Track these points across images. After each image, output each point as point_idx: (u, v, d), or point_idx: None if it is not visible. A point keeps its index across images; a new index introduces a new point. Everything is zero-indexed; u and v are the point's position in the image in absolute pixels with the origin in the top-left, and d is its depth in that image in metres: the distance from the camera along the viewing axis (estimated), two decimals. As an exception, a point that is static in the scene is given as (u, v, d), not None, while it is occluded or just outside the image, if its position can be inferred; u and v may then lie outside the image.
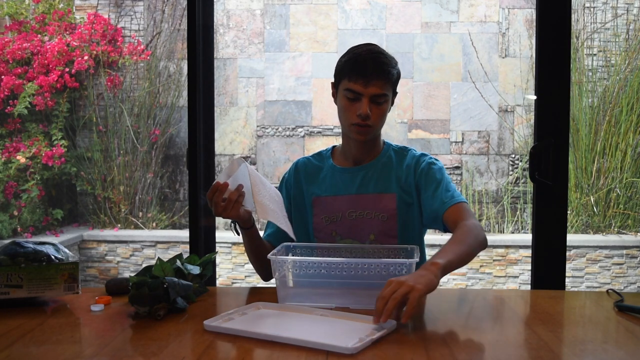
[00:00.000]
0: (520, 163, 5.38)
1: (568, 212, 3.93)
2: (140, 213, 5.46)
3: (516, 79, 5.37)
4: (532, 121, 4.81)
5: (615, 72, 5.24)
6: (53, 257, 1.49)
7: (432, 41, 5.39)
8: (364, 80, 1.62)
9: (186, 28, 2.16)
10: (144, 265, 2.94)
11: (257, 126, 5.50)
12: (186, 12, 2.16)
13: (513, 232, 5.36)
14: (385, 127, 1.75)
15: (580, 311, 1.53)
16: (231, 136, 5.51)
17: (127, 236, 5.27)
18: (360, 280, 1.40)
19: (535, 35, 2.13)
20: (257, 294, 1.60)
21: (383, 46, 1.78)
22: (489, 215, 5.37)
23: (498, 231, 5.36)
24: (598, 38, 5.34)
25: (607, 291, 1.54)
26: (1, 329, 1.29)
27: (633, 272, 4.93)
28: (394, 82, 1.68)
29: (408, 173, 1.74)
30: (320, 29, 5.44)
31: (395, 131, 5.38)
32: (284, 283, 1.45)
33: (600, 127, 5.17)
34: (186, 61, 2.17)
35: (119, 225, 5.41)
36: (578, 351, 1.19)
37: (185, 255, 1.60)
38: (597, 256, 4.94)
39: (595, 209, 5.18)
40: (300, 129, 5.46)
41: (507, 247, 5.00)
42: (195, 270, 1.53)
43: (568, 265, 4.86)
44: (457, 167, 5.42)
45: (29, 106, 5.17)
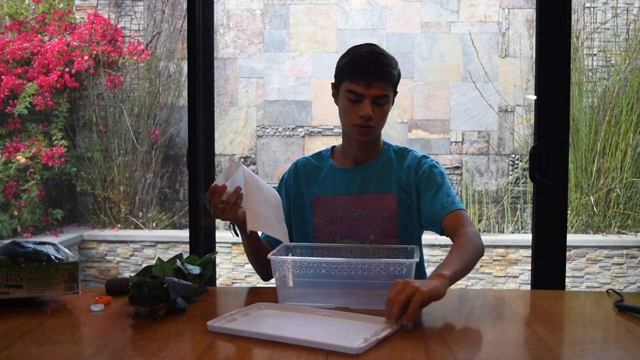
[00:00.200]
0: (520, 163, 5.38)
1: (568, 212, 3.93)
2: (140, 213, 5.46)
3: (516, 79, 5.37)
4: (532, 121, 4.81)
5: (615, 72, 5.24)
6: (53, 257, 1.49)
7: (432, 41, 5.39)
8: (366, 81, 1.63)
9: (186, 28, 2.16)
10: (144, 265, 2.94)
11: (257, 126, 5.50)
12: (186, 12, 2.16)
13: (513, 232, 5.36)
14: (385, 127, 1.76)
15: (580, 311, 1.53)
16: (231, 136, 5.51)
17: (127, 236, 5.27)
18: (360, 280, 1.40)
19: (535, 35, 2.13)
20: (257, 294, 1.60)
21: (383, 46, 1.78)
22: (489, 215, 5.37)
23: (498, 231, 5.35)
24: (598, 38, 5.34)
25: (607, 291, 1.54)
26: (1, 329, 1.29)
27: (633, 272, 4.93)
28: (395, 83, 1.69)
29: (409, 174, 1.75)
30: (320, 29, 5.44)
31: (395, 131, 5.38)
32: (284, 283, 1.45)
33: (600, 127, 5.17)
34: (186, 61, 2.17)
35: (119, 225, 5.41)
36: (578, 351, 1.19)
37: (185, 255, 1.60)
38: (597, 256, 4.94)
39: (595, 209, 5.18)
40: (300, 129, 5.46)
41: (507, 247, 5.00)
42: (195, 270, 1.53)
43: (568, 265, 4.86)
44: (457, 167, 5.42)
45: (29, 106, 5.17)
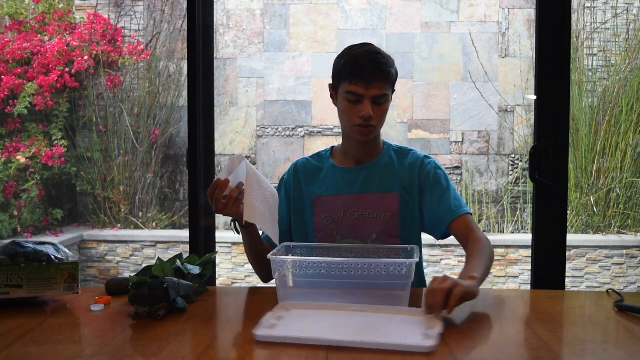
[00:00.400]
0: (520, 163, 5.38)
1: (568, 212, 3.93)
2: (140, 213, 5.46)
3: (516, 79, 5.37)
4: (532, 121, 4.81)
5: (615, 72, 5.24)
6: (53, 257, 1.49)
7: (432, 41, 5.39)
8: (365, 82, 1.63)
9: (186, 28, 2.16)
10: (144, 265, 2.94)
11: (257, 126, 5.50)
12: (186, 12, 2.16)
13: (513, 232, 5.36)
14: (385, 127, 1.76)
15: (580, 311, 1.53)
16: (231, 136, 5.51)
17: (127, 236, 5.27)
18: (360, 280, 1.40)
19: (535, 35, 2.13)
20: (257, 294, 1.60)
21: (383, 46, 1.79)
22: (489, 215, 5.37)
23: (498, 231, 5.35)
24: (598, 38, 5.34)
25: (607, 291, 1.54)
26: (1, 329, 1.29)
27: (633, 272, 4.93)
28: (393, 81, 1.70)
29: (411, 174, 1.75)
30: (320, 29, 5.44)
31: (395, 131, 5.38)
32: (284, 283, 1.45)
33: (600, 127, 5.17)
34: (186, 61, 2.17)
35: (119, 225, 5.41)
36: (578, 351, 1.19)
37: (185, 255, 1.60)
38: (597, 256, 4.94)
39: (595, 209, 5.18)
40: (300, 129, 5.46)
41: (507, 247, 5.00)
42: (195, 270, 1.53)
43: (568, 265, 4.86)
44: (457, 167, 5.42)
45: (29, 106, 5.17)
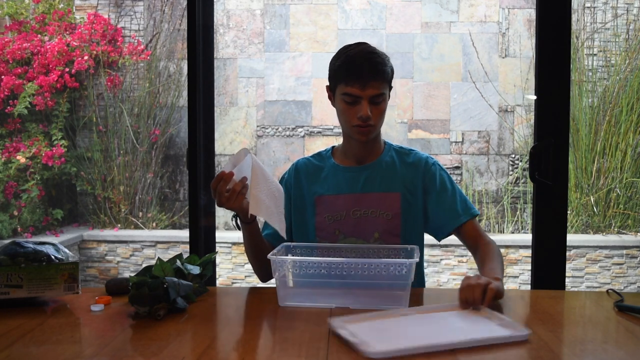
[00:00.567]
0: (520, 163, 5.38)
1: (568, 212, 3.93)
2: (140, 213, 5.46)
3: (516, 79, 5.37)
4: (532, 121, 4.81)
5: (615, 72, 5.24)
6: (53, 257, 1.49)
7: (432, 41, 5.39)
8: (361, 83, 1.64)
9: (186, 28, 2.16)
10: (144, 265, 2.94)
11: (257, 126, 5.50)
12: (186, 12, 2.16)
13: (513, 232, 5.36)
14: (385, 127, 1.77)
15: (580, 311, 1.53)
16: (231, 136, 5.51)
17: (127, 236, 5.27)
18: (360, 280, 1.40)
19: (535, 35, 2.13)
20: (257, 294, 1.60)
21: (383, 46, 1.80)
22: (489, 215, 5.37)
23: (498, 231, 5.35)
24: (598, 38, 5.34)
25: (607, 291, 1.54)
26: (1, 329, 1.29)
27: (633, 272, 4.93)
28: (390, 80, 1.70)
29: (414, 174, 1.76)
30: (320, 29, 5.44)
31: (395, 131, 5.38)
32: (284, 283, 1.45)
33: (600, 127, 5.17)
34: (186, 61, 2.17)
35: (119, 225, 5.41)
36: (578, 351, 1.19)
37: (185, 255, 1.60)
38: (597, 256, 4.94)
39: (595, 209, 5.18)
40: (300, 129, 5.46)
41: (507, 247, 5.00)
42: (195, 270, 1.53)
43: (568, 265, 4.86)
44: (457, 167, 5.42)
45: (29, 106, 5.17)
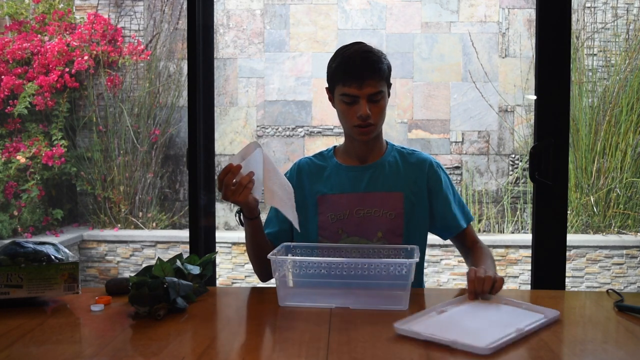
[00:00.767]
0: (520, 163, 5.38)
1: (568, 212, 3.93)
2: (140, 213, 5.46)
3: (516, 79, 5.37)
4: (532, 121, 4.81)
5: (615, 72, 5.24)
6: (53, 257, 1.49)
7: (432, 41, 5.39)
8: (358, 82, 1.64)
9: (186, 28, 2.16)
10: (144, 265, 2.94)
11: (257, 126, 5.50)
12: (186, 12, 2.16)
13: (513, 232, 5.36)
14: (385, 127, 1.77)
15: (580, 311, 1.53)
16: (231, 136, 5.51)
17: (127, 236, 5.27)
18: (360, 280, 1.40)
19: (535, 35, 2.13)
20: (257, 294, 1.60)
21: (383, 46, 1.81)
22: (489, 215, 5.37)
23: (498, 231, 5.35)
24: (598, 38, 5.34)
25: (607, 291, 1.54)
26: (1, 329, 1.29)
27: (633, 272, 4.93)
28: (387, 77, 1.71)
29: (417, 174, 1.78)
30: (320, 29, 5.44)
31: (395, 131, 5.38)
32: (284, 283, 1.45)
33: (600, 127, 5.17)
34: (186, 61, 2.17)
35: (119, 225, 5.41)
36: (578, 351, 1.19)
37: (185, 255, 1.60)
38: (597, 256, 4.94)
39: (595, 209, 5.18)
40: (300, 129, 5.46)
41: (507, 247, 5.00)
42: (195, 270, 1.53)
43: (568, 265, 4.86)
44: (457, 167, 5.42)
45: (29, 106, 5.17)
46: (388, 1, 5.39)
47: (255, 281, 4.99)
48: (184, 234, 4.76)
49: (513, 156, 5.41)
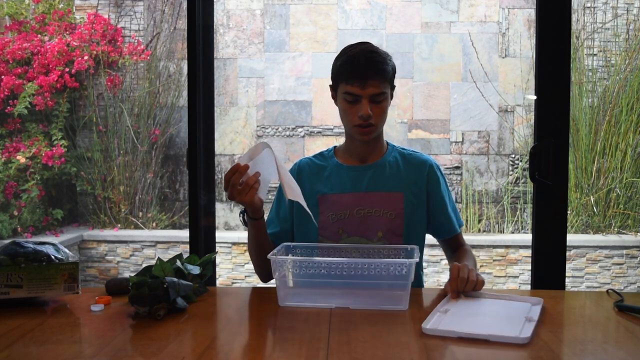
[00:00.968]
0: (520, 163, 5.38)
1: (568, 212, 3.93)
2: (140, 213, 5.46)
3: (516, 79, 5.37)
4: (532, 121, 4.81)
5: (615, 72, 5.24)
6: (53, 257, 1.49)
7: (432, 41, 5.39)
8: (361, 82, 1.64)
9: (186, 28, 2.16)
10: (144, 265, 2.94)
11: (257, 126, 5.50)
12: (186, 12, 2.16)
13: (513, 232, 5.36)
14: (385, 127, 1.77)
15: (580, 311, 1.53)
16: (231, 136, 5.51)
17: (127, 236, 5.27)
18: (360, 280, 1.40)
19: (535, 35, 2.13)
20: (257, 294, 1.60)
21: (383, 46, 1.80)
22: (489, 215, 5.37)
23: (498, 231, 5.35)
24: (598, 38, 5.34)
25: (607, 291, 1.54)
26: (1, 329, 1.29)
27: (633, 272, 4.93)
28: (391, 78, 1.71)
29: (418, 175, 1.78)
30: (320, 29, 5.44)
31: (395, 131, 5.38)
32: (284, 283, 1.45)
33: (600, 127, 5.17)
34: (186, 61, 2.17)
35: (119, 225, 5.41)
36: (578, 351, 1.19)
37: (185, 255, 1.60)
38: (597, 256, 4.94)
39: (595, 209, 5.18)
40: (300, 129, 5.46)
41: (507, 247, 5.00)
42: (195, 270, 1.53)
43: (568, 265, 4.86)
44: (457, 167, 5.42)
45: (29, 106, 5.17)
46: (388, 1, 5.39)
47: (255, 281, 4.99)
48: (184, 234, 4.76)
49: (513, 156, 5.41)
